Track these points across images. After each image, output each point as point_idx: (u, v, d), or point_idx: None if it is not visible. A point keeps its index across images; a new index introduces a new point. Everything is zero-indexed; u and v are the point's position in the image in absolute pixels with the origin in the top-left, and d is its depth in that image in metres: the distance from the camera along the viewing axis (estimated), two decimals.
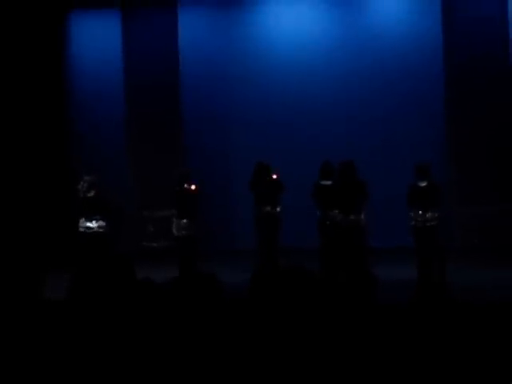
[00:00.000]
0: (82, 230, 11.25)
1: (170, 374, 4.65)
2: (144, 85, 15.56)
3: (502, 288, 10.42)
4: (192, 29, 15.65)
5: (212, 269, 6.72)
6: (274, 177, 11.94)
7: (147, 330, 4.95)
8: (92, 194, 11.26)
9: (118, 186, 14.76)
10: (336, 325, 4.86)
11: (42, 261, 12.22)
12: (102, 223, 11.23)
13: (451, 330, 4.82)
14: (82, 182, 11.37)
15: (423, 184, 10.93)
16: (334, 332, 4.80)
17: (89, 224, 11.20)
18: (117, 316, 5.17)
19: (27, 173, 14.12)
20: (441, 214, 11.01)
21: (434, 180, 11.05)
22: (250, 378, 4.56)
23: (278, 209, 12.00)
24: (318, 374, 4.55)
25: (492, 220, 14.59)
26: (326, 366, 4.58)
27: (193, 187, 11.66)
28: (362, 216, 11.07)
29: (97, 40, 15.64)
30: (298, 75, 15.28)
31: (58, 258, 13.16)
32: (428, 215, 10.83)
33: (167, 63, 15.60)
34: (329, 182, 11.64)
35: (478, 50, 14.63)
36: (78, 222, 11.31)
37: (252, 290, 5.20)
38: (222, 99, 15.56)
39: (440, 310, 5.03)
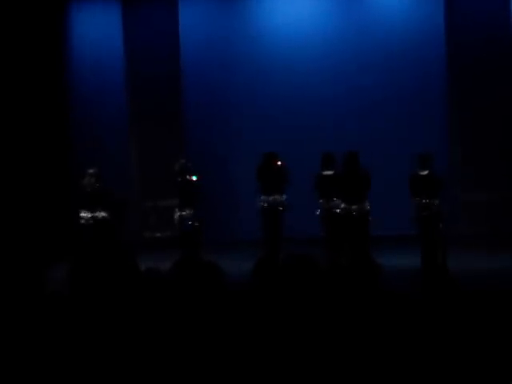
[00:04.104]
0: (85, 221, 11.24)
1: (172, 364, 4.64)
2: (145, 75, 15.55)
3: (506, 275, 10.42)
4: (193, 18, 15.61)
5: (214, 259, 6.70)
6: (279, 163, 11.90)
7: (150, 320, 4.94)
8: (97, 186, 11.27)
9: (120, 176, 14.77)
10: (340, 313, 4.85)
11: (44, 254, 12.23)
12: (105, 214, 11.24)
13: (454, 317, 4.81)
14: (87, 176, 11.35)
15: (424, 173, 10.95)
16: (339, 321, 4.79)
17: (93, 215, 11.19)
18: (120, 306, 5.16)
19: (28, 165, 14.09)
20: (443, 202, 11.04)
21: (435, 169, 11.08)
22: (253, 368, 4.55)
23: (284, 197, 11.98)
24: (322, 363, 4.54)
25: (496, 207, 14.58)
26: (331, 355, 4.57)
27: (194, 178, 11.66)
28: (366, 205, 11.12)
29: (97, 30, 15.60)
30: (300, 65, 15.23)
31: (60, 251, 13.17)
32: (430, 203, 10.86)
33: (168, 53, 15.57)
34: (330, 172, 11.66)
35: (480, 36, 14.58)
36: (80, 213, 11.30)
37: (255, 278, 5.19)
38: (224, 89, 15.53)
39: (443, 297, 5.02)
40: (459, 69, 14.82)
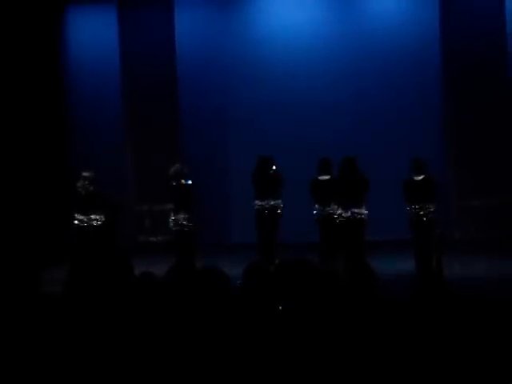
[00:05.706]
0: (80, 224, 11.21)
1: (170, 367, 4.62)
2: (141, 79, 15.52)
3: (502, 280, 10.41)
4: (189, 23, 15.60)
5: (209, 263, 6.69)
6: (274, 167, 11.90)
7: (145, 324, 4.92)
8: (92, 189, 11.25)
9: (116, 180, 14.73)
10: (337, 318, 4.84)
11: (40, 257, 12.20)
12: (101, 218, 11.22)
13: (450, 323, 4.79)
14: (82, 179, 11.31)
15: (419, 178, 10.96)
16: (335, 325, 4.77)
17: (88, 219, 11.16)
18: (115, 311, 5.14)
19: (24, 168, 14.06)
20: (440, 208, 11.05)
21: (429, 174, 11.08)
22: (251, 370, 4.53)
23: (280, 202, 11.96)
24: (318, 367, 4.52)
25: (491, 212, 14.59)
26: (327, 360, 4.55)
27: (189, 182, 11.66)
28: (363, 210, 11.11)
29: (94, 35, 15.59)
30: (296, 70, 15.24)
31: (55, 254, 13.13)
32: (425, 208, 10.87)
33: (165, 58, 15.55)
34: (327, 177, 11.63)
35: (476, 40, 14.60)
36: (75, 216, 11.27)
37: (246, 282, 5.18)
38: (220, 94, 15.52)
39: (438, 303, 5.00)
40: (456, 73, 14.84)
